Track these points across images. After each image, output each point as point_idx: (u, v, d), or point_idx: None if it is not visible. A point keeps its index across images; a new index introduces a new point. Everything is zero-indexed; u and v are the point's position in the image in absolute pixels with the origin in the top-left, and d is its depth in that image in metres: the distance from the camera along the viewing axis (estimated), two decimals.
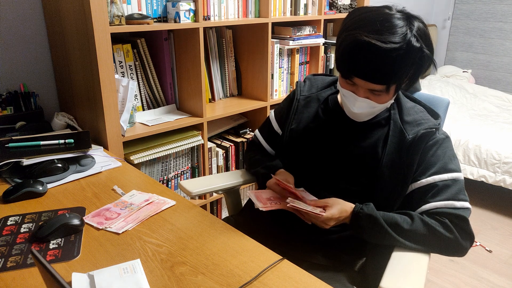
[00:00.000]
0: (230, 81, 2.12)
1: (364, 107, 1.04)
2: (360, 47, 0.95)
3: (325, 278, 0.88)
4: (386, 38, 0.92)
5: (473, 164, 2.72)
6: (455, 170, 1.05)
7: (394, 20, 0.95)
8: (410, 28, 0.95)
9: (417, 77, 1.04)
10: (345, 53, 0.99)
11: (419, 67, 1.00)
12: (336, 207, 1.01)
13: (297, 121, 1.23)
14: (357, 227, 1.02)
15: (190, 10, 1.64)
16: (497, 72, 3.89)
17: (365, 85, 1.00)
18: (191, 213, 1.07)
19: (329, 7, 2.35)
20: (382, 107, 1.06)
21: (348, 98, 1.06)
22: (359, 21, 0.99)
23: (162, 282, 0.82)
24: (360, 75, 0.99)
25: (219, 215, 2.14)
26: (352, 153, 1.12)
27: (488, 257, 2.27)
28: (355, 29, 0.97)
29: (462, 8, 3.98)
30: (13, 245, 0.92)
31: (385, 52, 0.93)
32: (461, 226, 1.00)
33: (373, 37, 0.93)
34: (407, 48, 0.94)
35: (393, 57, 0.93)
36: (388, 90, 1.01)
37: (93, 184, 1.22)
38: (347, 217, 1.02)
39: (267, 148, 1.35)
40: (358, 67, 0.98)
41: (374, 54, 0.94)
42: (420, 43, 0.96)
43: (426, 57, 0.98)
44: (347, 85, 1.05)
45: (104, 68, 1.40)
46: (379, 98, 1.03)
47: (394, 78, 0.98)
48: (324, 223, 1.01)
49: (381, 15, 0.97)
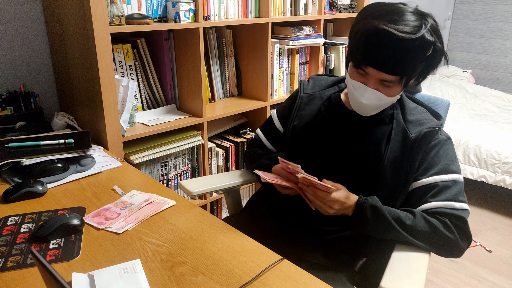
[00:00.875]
0: (230, 81, 2.12)
1: (373, 99, 1.04)
2: (377, 35, 0.96)
3: (325, 278, 0.88)
4: (402, 28, 0.94)
5: (473, 164, 2.72)
6: (455, 171, 1.05)
7: (410, 15, 0.98)
8: (425, 23, 0.97)
9: (428, 72, 1.05)
10: (362, 40, 1.00)
11: (430, 62, 1.01)
12: (343, 192, 1.01)
13: (300, 118, 1.23)
14: (360, 219, 1.02)
15: (190, 10, 1.64)
16: (497, 72, 3.89)
17: (377, 75, 1.00)
18: (191, 213, 1.07)
19: (329, 7, 2.35)
20: (389, 101, 1.06)
21: (357, 89, 1.06)
22: (377, 11, 1.00)
23: (162, 282, 0.82)
24: (373, 64, 0.99)
25: (219, 215, 2.14)
26: (354, 151, 1.12)
27: (488, 257, 2.27)
28: (373, 18, 0.98)
29: (462, 8, 3.98)
30: (13, 245, 0.92)
31: (401, 42, 0.94)
32: (460, 227, 1.00)
33: (390, 26, 0.95)
34: (421, 41, 0.95)
35: (408, 48, 0.95)
36: (399, 82, 1.01)
37: (93, 184, 1.22)
38: (350, 207, 1.02)
39: (269, 146, 1.35)
40: (373, 55, 0.99)
41: (390, 42, 0.95)
42: (433, 38, 0.97)
43: (439, 52, 1.00)
44: (358, 76, 1.05)
45: (104, 68, 1.40)
46: (388, 91, 1.03)
47: (406, 70, 0.99)
48: (329, 205, 1.00)
49: (397, 8, 0.99)
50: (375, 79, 1.02)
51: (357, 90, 1.06)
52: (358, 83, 1.05)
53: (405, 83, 1.03)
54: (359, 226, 1.05)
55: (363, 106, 1.08)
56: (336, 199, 0.99)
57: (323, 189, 0.99)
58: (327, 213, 1.03)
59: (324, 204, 1.01)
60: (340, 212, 1.03)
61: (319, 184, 0.98)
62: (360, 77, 1.05)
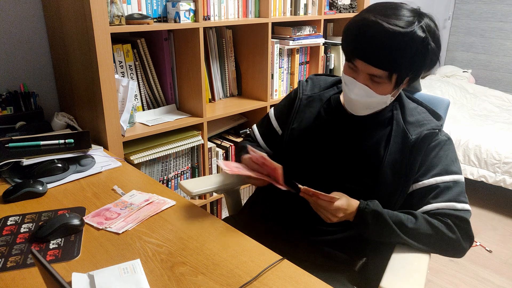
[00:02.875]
0: (230, 81, 2.12)
1: (361, 95, 1.04)
2: (366, 26, 0.97)
3: (325, 278, 0.88)
4: (393, 21, 0.95)
5: (473, 164, 2.72)
6: (456, 172, 1.05)
7: (405, 11, 0.98)
8: (419, 20, 0.97)
9: (419, 70, 1.03)
10: (351, 31, 1.01)
11: (421, 60, 0.99)
12: (343, 199, 1.01)
13: (299, 121, 1.22)
14: (361, 223, 1.01)
15: (190, 10, 1.64)
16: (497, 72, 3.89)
17: (365, 68, 1.00)
18: (191, 213, 1.07)
19: (329, 7, 2.35)
20: (380, 99, 1.05)
21: (348, 84, 1.06)
22: (373, 7, 1.01)
23: (162, 282, 0.82)
24: (361, 56, 0.99)
25: (219, 215, 2.14)
26: (354, 152, 1.12)
27: (488, 257, 2.27)
28: (365, 12, 1.00)
29: (462, 8, 3.98)
30: (13, 245, 0.92)
31: (388, 34, 0.94)
32: (462, 227, 1.00)
33: (381, 18, 0.95)
34: (411, 36, 0.95)
35: (396, 41, 0.94)
36: (388, 78, 1.00)
37: (93, 184, 1.22)
38: (352, 213, 1.02)
39: (262, 145, 1.33)
40: (361, 47, 0.99)
41: (378, 34, 0.95)
42: (425, 34, 0.96)
43: (431, 50, 0.98)
44: (349, 70, 1.06)
45: (104, 68, 1.40)
46: (377, 87, 1.02)
47: (394, 65, 0.98)
48: (333, 213, 0.99)
49: (393, 5, 1.00)
50: (364, 74, 1.02)
51: (348, 85, 1.06)
52: (349, 78, 1.05)
53: (396, 82, 1.02)
54: (360, 231, 1.04)
55: (353, 103, 1.07)
56: (339, 207, 0.98)
57: (326, 199, 0.98)
58: (330, 221, 1.01)
59: (327, 212, 1.00)
60: (343, 218, 1.02)
61: (322, 195, 0.97)
62: (351, 72, 1.05)
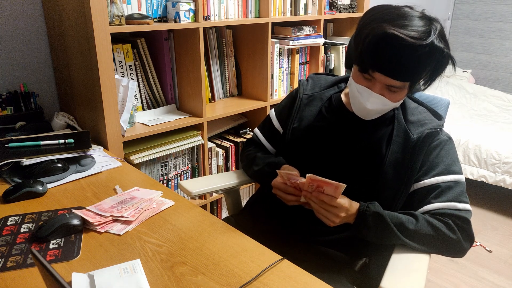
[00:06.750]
0: (230, 81, 2.12)
1: (378, 104, 1.03)
2: (386, 39, 0.94)
3: (325, 278, 0.88)
4: (412, 34, 0.93)
5: (473, 164, 2.72)
6: (457, 172, 1.05)
7: (418, 20, 0.96)
8: (433, 29, 0.96)
9: (435, 78, 1.04)
10: (371, 45, 0.97)
11: (438, 68, 1.01)
12: (346, 199, 1.00)
13: (300, 120, 1.22)
14: (362, 226, 1.00)
15: (190, 10, 1.64)
16: (497, 72, 3.89)
17: (384, 80, 0.99)
18: (191, 213, 1.07)
19: (329, 7, 2.35)
20: (392, 106, 1.05)
21: (362, 93, 1.04)
22: (385, 15, 0.98)
23: (162, 282, 0.82)
24: (382, 69, 0.98)
25: (219, 215, 2.14)
26: (355, 152, 1.12)
27: (488, 257, 2.27)
28: (382, 22, 0.96)
29: (462, 8, 3.98)
30: (13, 245, 0.92)
31: (411, 48, 0.93)
32: (463, 227, 1.00)
33: (402, 32, 0.93)
34: (431, 47, 0.94)
35: (418, 54, 0.94)
36: (405, 88, 1.01)
37: (93, 184, 1.22)
38: (353, 214, 1.01)
39: (268, 147, 1.34)
40: (382, 61, 0.97)
41: (400, 48, 0.93)
42: (443, 44, 0.96)
43: (447, 58, 0.99)
44: (363, 80, 1.04)
45: (104, 68, 1.40)
46: (394, 96, 1.02)
47: (414, 76, 0.98)
48: (335, 212, 0.97)
49: (405, 13, 0.97)
50: (381, 84, 1.01)
51: (362, 94, 1.04)
52: (363, 88, 1.03)
53: (410, 88, 1.03)
54: (361, 234, 1.03)
55: (367, 111, 1.06)
56: (342, 205, 0.97)
57: (330, 193, 0.96)
58: (333, 223, 0.99)
59: (329, 212, 0.98)
60: (344, 220, 1.01)
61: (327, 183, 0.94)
62: (365, 82, 1.03)
